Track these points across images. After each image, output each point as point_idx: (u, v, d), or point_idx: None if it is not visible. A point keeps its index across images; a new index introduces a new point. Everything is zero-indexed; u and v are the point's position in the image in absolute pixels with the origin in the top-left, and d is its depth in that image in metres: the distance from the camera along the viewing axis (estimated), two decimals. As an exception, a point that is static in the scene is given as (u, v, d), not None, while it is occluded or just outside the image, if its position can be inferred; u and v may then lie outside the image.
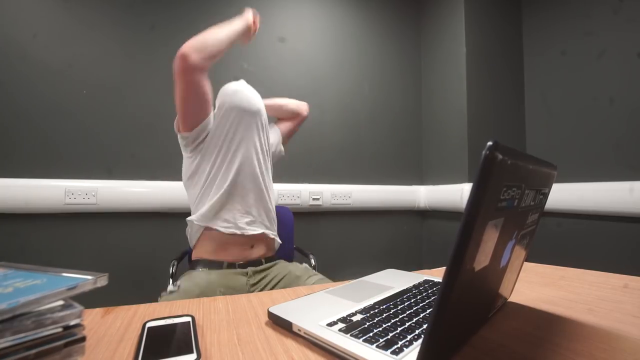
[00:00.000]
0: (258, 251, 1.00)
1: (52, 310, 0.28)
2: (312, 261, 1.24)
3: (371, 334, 0.38)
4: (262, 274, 0.98)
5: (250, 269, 0.96)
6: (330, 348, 0.37)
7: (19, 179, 1.31)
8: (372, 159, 1.97)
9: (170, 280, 1.04)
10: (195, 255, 0.99)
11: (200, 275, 0.90)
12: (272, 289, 0.95)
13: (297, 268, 1.01)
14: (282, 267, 1.02)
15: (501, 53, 1.87)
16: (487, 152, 0.25)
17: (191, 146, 0.98)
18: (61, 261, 1.36)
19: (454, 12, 1.85)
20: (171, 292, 0.84)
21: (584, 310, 0.51)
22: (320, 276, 1.00)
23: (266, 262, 1.00)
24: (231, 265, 0.95)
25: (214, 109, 1.02)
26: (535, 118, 1.84)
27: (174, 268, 1.12)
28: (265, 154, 1.07)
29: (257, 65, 1.72)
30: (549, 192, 0.47)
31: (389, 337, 0.38)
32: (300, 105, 1.26)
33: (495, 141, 0.25)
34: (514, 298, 0.56)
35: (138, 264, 1.46)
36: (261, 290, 0.95)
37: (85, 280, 0.31)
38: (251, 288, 0.94)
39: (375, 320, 0.42)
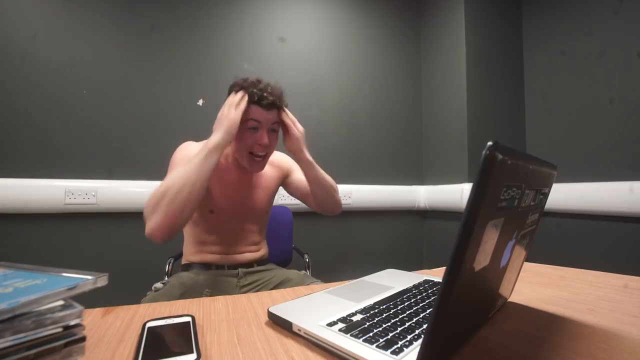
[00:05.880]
0: (248, 255, 0.99)
1: (52, 310, 0.28)
2: (307, 260, 1.25)
3: (371, 334, 0.38)
4: (255, 277, 0.97)
5: (240, 270, 0.95)
6: (330, 348, 0.37)
7: (19, 179, 1.31)
8: (372, 159, 1.96)
9: (166, 277, 1.04)
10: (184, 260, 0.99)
11: (188, 276, 0.90)
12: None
13: (296, 275, 0.99)
14: (278, 271, 1.00)
15: (501, 53, 1.87)
16: (487, 152, 0.25)
17: None
18: (61, 261, 1.36)
19: (454, 12, 1.85)
20: (157, 289, 0.83)
21: (584, 310, 0.51)
22: (319, 282, 0.98)
23: (258, 266, 1.00)
24: (220, 267, 0.94)
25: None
26: (535, 118, 1.84)
27: (170, 266, 1.12)
28: None
29: (257, 65, 1.71)
30: (549, 192, 0.47)
31: (389, 337, 0.37)
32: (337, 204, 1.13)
33: (495, 141, 0.25)
34: (514, 298, 0.56)
35: (138, 263, 1.45)
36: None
37: (85, 280, 0.31)
38: (241, 290, 0.92)
39: (375, 320, 0.42)
